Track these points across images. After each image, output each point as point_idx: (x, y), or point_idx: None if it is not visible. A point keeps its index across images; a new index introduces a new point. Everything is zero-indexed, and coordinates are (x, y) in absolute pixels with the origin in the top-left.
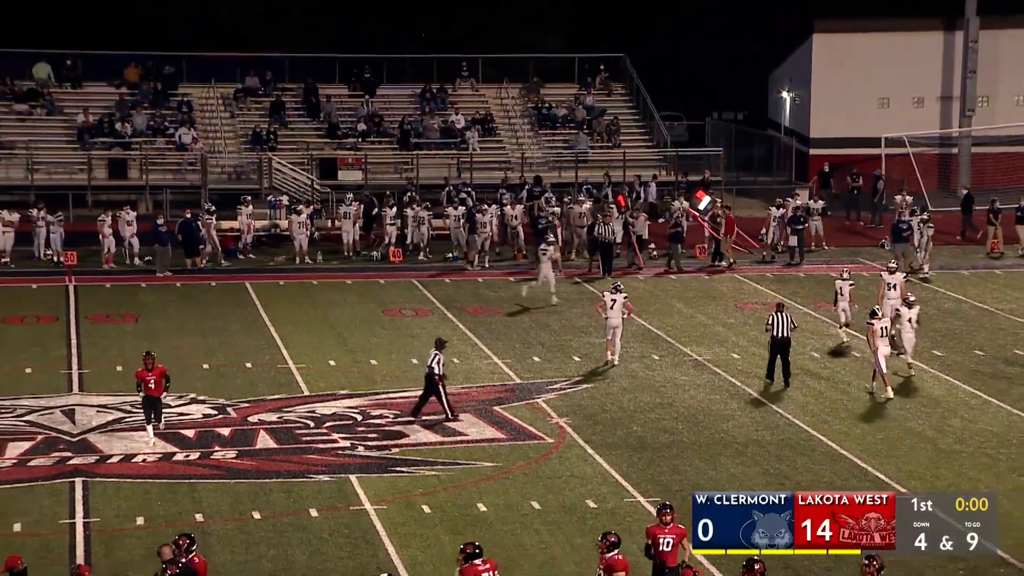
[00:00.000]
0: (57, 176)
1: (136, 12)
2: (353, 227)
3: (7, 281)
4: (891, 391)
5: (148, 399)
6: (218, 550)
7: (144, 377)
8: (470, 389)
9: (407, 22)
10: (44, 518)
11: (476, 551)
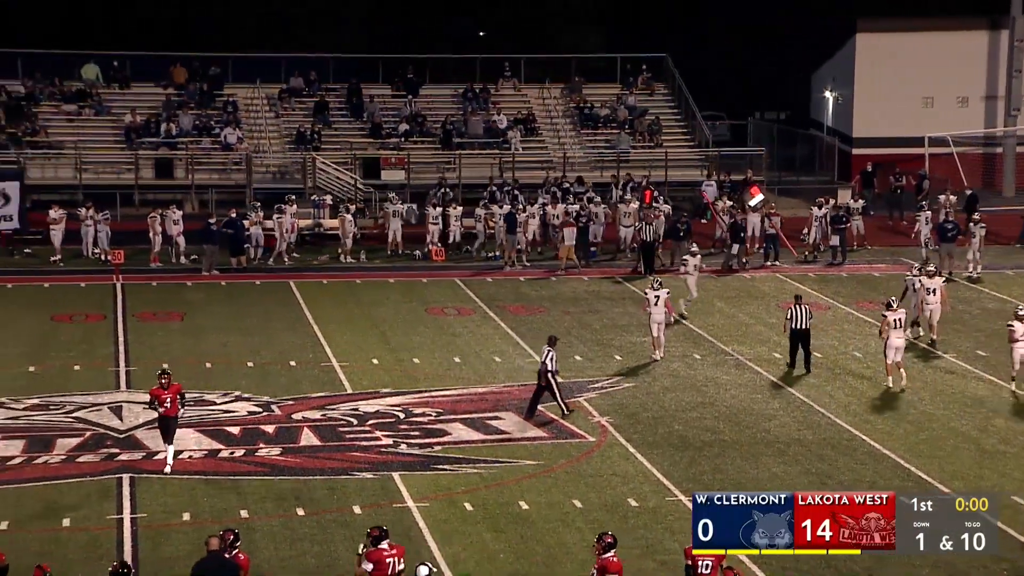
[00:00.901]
0: (105, 175)
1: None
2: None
3: (57, 279)
4: (904, 382)
5: (164, 419)
6: (263, 546)
7: (160, 395)
8: (512, 388)
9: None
10: (92, 514)
11: (382, 534)
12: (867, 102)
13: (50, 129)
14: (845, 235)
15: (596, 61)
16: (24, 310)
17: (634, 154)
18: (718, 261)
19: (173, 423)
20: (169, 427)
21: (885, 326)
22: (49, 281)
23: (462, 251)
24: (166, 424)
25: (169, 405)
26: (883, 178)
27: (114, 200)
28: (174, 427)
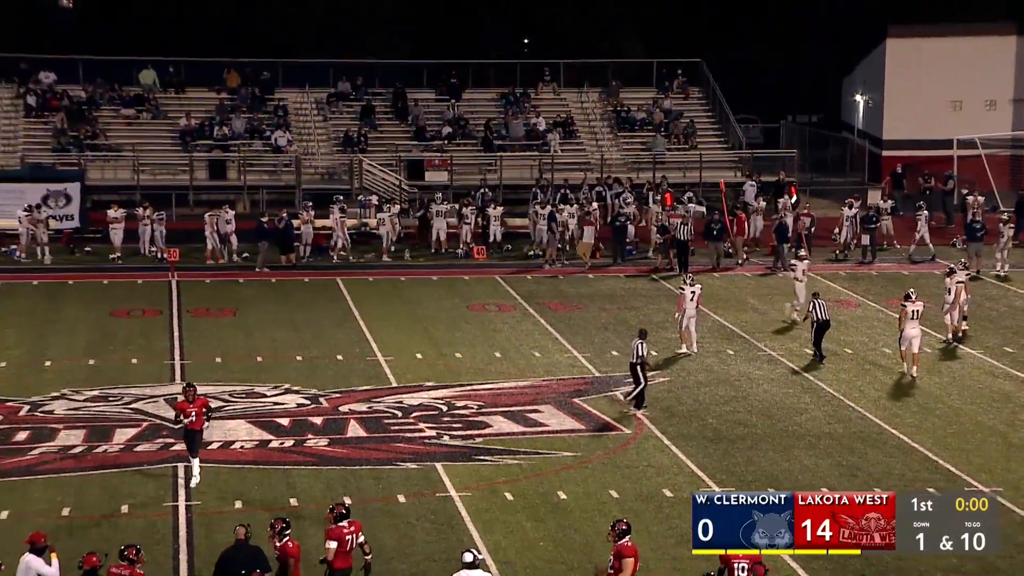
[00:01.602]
0: (161, 177)
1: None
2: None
3: (115, 276)
4: (915, 370)
5: (188, 433)
6: (311, 533)
7: (185, 408)
8: (551, 381)
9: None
10: (149, 501)
11: (344, 512)
12: (897, 105)
13: (109, 132)
14: (875, 235)
15: (633, 66)
16: (85, 306)
17: (669, 156)
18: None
19: (198, 436)
20: (194, 440)
21: (903, 316)
22: (108, 278)
23: (503, 250)
24: (191, 437)
25: (194, 418)
26: (912, 179)
27: (169, 200)
28: (199, 441)
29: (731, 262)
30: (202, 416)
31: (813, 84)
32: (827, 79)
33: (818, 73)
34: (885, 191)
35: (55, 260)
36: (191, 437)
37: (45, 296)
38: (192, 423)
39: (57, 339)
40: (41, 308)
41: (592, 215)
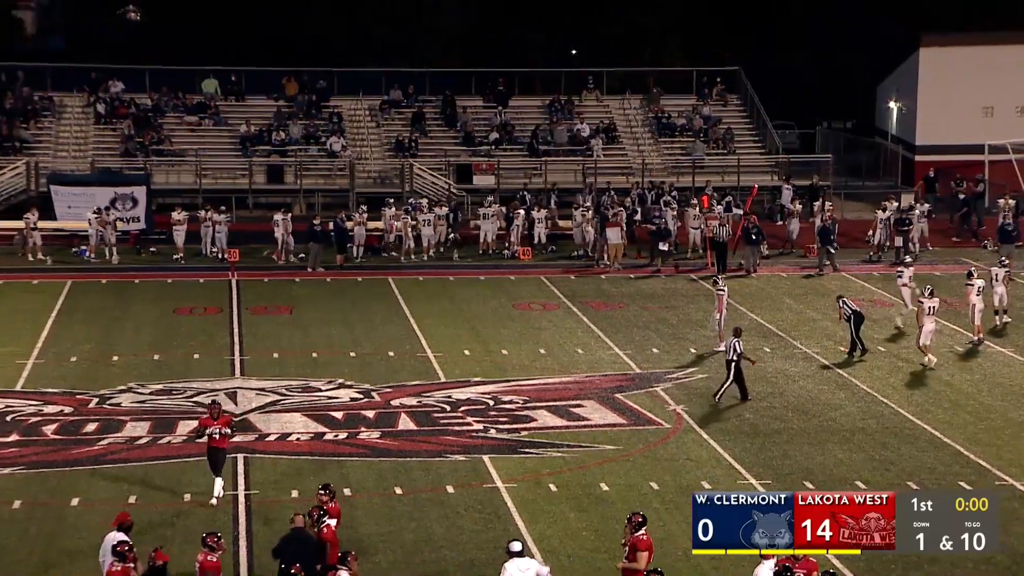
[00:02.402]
0: (222, 180)
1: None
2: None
3: (178, 276)
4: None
5: (211, 451)
6: (364, 522)
7: (208, 425)
8: (593, 377)
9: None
10: (211, 490)
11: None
12: (930, 112)
13: (173, 138)
14: (908, 237)
15: (674, 74)
16: (149, 304)
17: (708, 161)
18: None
19: (222, 455)
20: (217, 459)
21: (920, 312)
22: (172, 277)
23: (547, 251)
24: (214, 455)
25: (218, 437)
26: (944, 183)
27: (230, 203)
28: (222, 459)
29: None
30: (226, 436)
31: (848, 91)
32: (861, 86)
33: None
34: (918, 195)
35: (122, 260)
36: (214, 455)
37: (113, 294)
38: (216, 441)
39: (124, 335)
40: (109, 306)
41: (617, 217)
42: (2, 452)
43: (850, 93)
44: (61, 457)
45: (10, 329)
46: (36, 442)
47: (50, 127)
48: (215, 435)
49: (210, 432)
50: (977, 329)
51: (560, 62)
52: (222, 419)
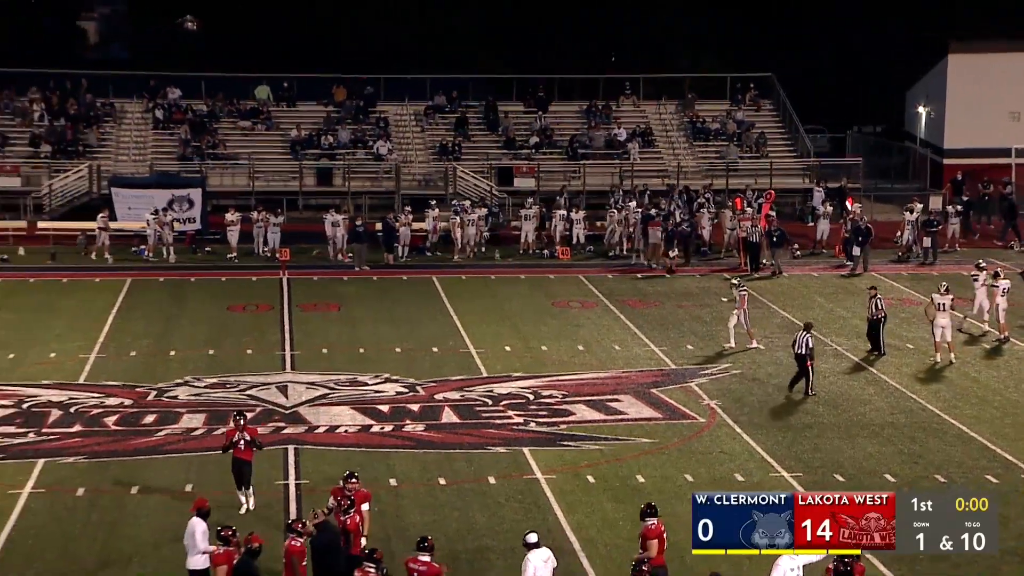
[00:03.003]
0: (273, 183)
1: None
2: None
3: (232, 274)
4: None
5: (236, 462)
6: (409, 511)
7: (232, 436)
8: (630, 373)
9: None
10: (263, 479)
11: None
12: (958, 116)
13: (228, 142)
14: (936, 238)
15: (708, 80)
16: (205, 301)
17: (742, 164)
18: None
19: (247, 468)
20: (243, 471)
21: (930, 307)
22: (225, 275)
23: (585, 251)
24: (239, 468)
25: (243, 448)
26: (972, 186)
27: (281, 205)
28: (248, 472)
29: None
30: (251, 448)
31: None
32: (891, 91)
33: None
34: (946, 197)
35: (179, 259)
36: (239, 467)
37: (170, 292)
38: (241, 452)
39: (180, 331)
40: (166, 303)
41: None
42: (66, 442)
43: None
44: (121, 447)
45: (74, 325)
46: (98, 433)
47: (111, 132)
48: (240, 445)
49: (236, 441)
50: (1002, 328)
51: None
52: (248, 430)
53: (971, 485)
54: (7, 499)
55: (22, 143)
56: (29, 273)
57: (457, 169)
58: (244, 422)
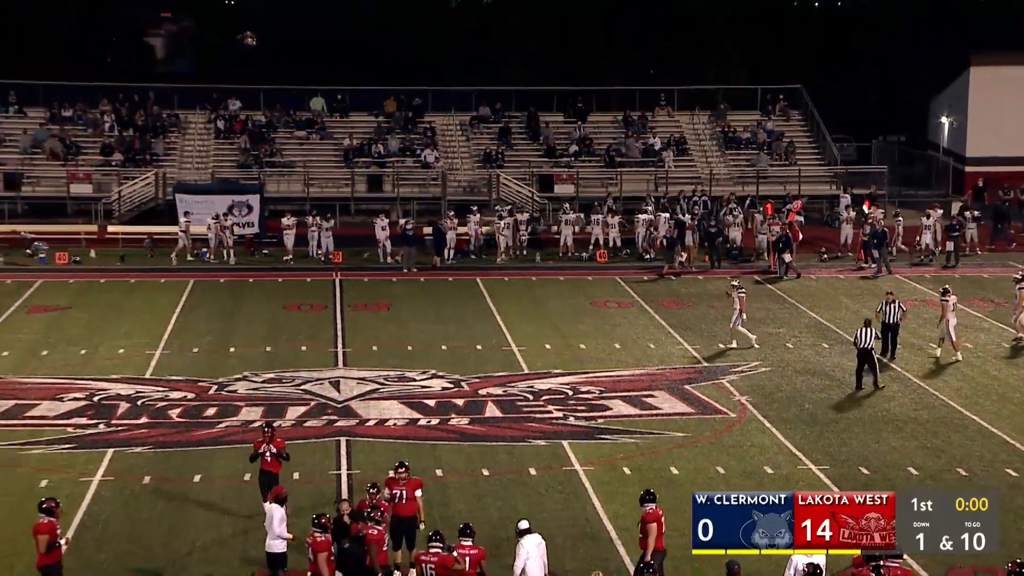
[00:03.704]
0: (327, 189)
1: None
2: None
3: (288, 275)
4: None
5: (263, 474)
6: (454, 500)
7: (258, 447)
8: (664, 370)
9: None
10: (317, 469)
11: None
12: (979, 126)
13: (284, 151)
14: (958, 242)
15: (739, 92)
16: (262, 300)
17: (771, 172)
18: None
19: (274, 480)
20: (269, 484)
21: (945, 308)
22: (282, 276)
23: (622, 254)
24: (265, 479)
25: (270, 459)
26: (992, 192)
27: (334, 210)
28: (274, 484)
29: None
30: (278, 459)
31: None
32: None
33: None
34: (967, 203)
35: (238, 261)
36: (266, 479)
37: (230, 292)
38: (268, 464)
39: (239, 329)
40: (227, 302)
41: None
42: (133, 433)
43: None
44: (184, 438)
45: (140, 323)
46: (163, 424)
47: (176, 141)
48: (267, 456)
49: (262, 452)
50: (1020, 327)
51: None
52: (275, 442)
53: (992, 479)
54: (79, 486)
55: (94, 152)
56: (99, 274)
57: (500, 176)
58: (272, 433)
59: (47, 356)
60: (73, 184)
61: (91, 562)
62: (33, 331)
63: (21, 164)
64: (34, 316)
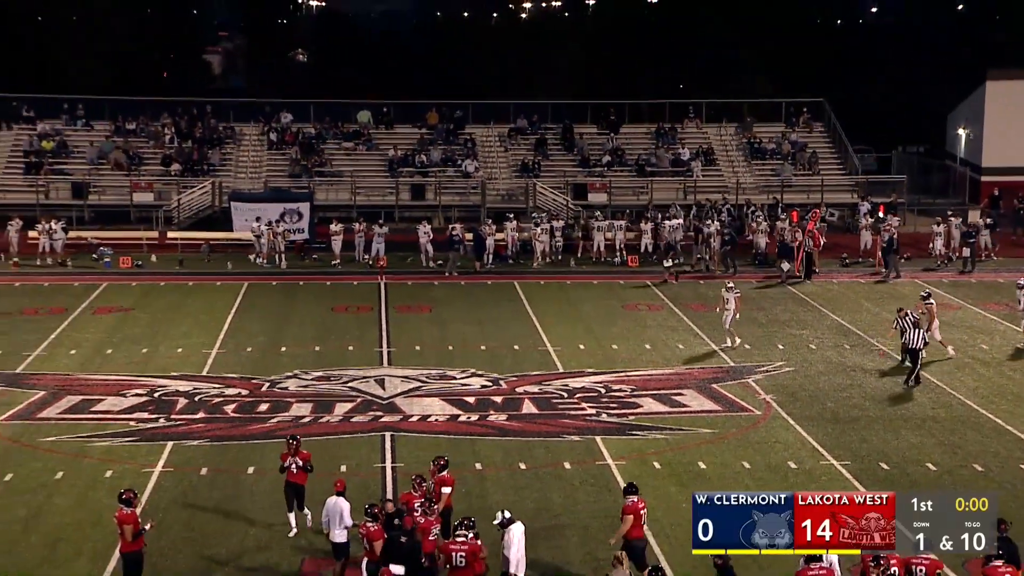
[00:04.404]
0: (373, 197)
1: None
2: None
3: (336, 278)
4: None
5: (288, 485)
6: (492, 492)
7: (285, 459)
8: (692, 369)
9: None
10: (363, 462)
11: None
12: (995, 137)
13: (333, 161)
14: (974, 248)
15: (765, 104)
16: (311, 302)
17: (795, 181)
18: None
19: (300, 491)
20: (298, 493)
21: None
22: (330, 280)
23: (652, 259)
24: (291, 490)
25: (296, 471)
26: (1008, 201)
27: (379, 217)
28: (300, 495)
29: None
30: (304, 471)
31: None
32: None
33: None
34: (983, 211)
35: (289, 265)
36: (291, 490)
37: (281, 294)
38: (294, 476)
39: (290, 329)
40: (278, 304)
41: None
42: (191, 427)
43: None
44: (239, 432)
45: (198, 323)
46: (219, 419)
47: (231, 152)
48: (293, 468)
49: (288, 465)
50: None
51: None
52: (301, 454)
53: (1006, 474)
54: (141, 476)
55: (155, 163)
56: (160, 277)
57: (536, 185)
58: (297, 445)
59: (111, 354)
60: (136, 193)
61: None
62: (99, 331)
63: (88, 174)
64: (99, 317)
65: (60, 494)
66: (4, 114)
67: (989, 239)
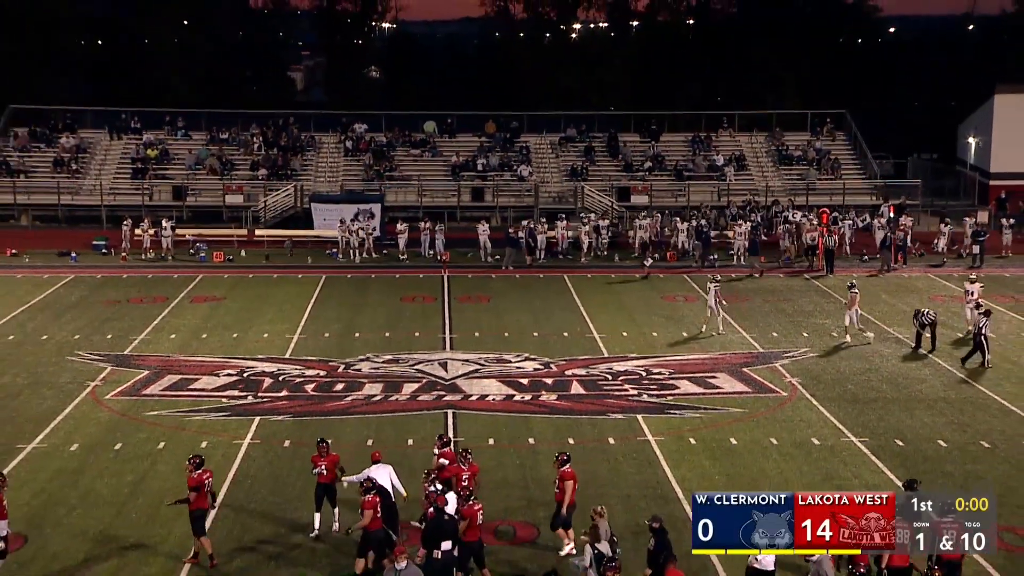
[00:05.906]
0: (437, 199)
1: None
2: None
3: (404, 272)
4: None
5: (319, 487)
6: (544, 464)
7: (316, 462)
8: (725, 355)
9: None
10: (428, 437)
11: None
12: (1002, 145)
13: (402, 167)
14: (983, 246)
15: (792, 115)
16: (382, 293)
17: (819, 185)
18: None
19: (331, 492)
20: (327, 493)
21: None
22: (399, 273)
23: (689, 254)
24: (321, 491)
25: (325, 472)
26: (1014, 203)
27: (443, 217)
28: (334, 496)
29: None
30: (334, 472)
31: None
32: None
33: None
34: (992, 212)
35: (362, 260)
36: (321, 491)
37: (355, 286)
38: (323, 477)
39: (363, 317)
40: (352, 295)
41: None
42: (276, 404)
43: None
44: (318, 409)
45: (282, 312)
46: (300, 397)
47: (311, 159)
48: (323, 471)
49: (316, 471)
50: None
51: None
52: (329, 457)
53: (1012, 450)
54: (232, 448)
55: (245, 168)
56: (248, 270)
57: (584, 188)
58: (327, 448)
59: (206, 339)
60: (228, 195)
61: (242, 510)
62: (195, 317)
63: (186, 178)
64: (196, 305)
65: (163, 462)
66: (115, 126)
67: (1010, 237)
